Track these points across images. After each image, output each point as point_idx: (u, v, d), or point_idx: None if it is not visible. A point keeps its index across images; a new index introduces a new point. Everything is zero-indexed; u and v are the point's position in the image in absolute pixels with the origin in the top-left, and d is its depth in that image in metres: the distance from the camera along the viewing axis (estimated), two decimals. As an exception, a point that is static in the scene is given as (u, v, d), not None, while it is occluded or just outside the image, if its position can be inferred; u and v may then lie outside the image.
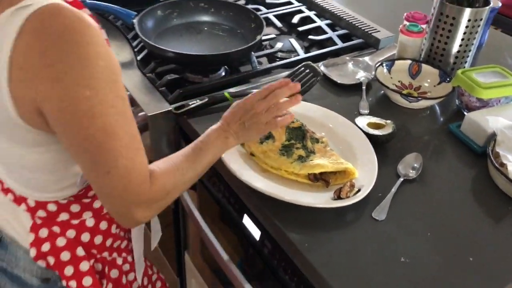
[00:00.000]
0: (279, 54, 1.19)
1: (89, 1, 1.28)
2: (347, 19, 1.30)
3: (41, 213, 0.76)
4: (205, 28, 1.23)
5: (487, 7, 1.03)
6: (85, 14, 0.61)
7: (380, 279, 0.67)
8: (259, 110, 0.74)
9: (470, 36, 1.05)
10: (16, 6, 0.59)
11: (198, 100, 0.97)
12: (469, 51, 1.08)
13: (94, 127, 0.60)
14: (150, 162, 0.68)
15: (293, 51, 1.20)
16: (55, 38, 0.57)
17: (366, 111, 0.99)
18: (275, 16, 1.33)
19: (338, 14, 1.33)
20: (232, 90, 1.03)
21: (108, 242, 0.84)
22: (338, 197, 0.76)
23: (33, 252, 0.77)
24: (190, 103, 0.97)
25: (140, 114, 0.99)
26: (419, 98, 0.99)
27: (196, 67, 1.11)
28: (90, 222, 0.80)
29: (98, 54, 0.59)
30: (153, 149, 1.02)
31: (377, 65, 1.07)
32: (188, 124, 0.96)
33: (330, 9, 1.35)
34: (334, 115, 0.94)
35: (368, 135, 0.89)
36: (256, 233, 0.83)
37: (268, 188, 0.76)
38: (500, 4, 1.22)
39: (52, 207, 0.76)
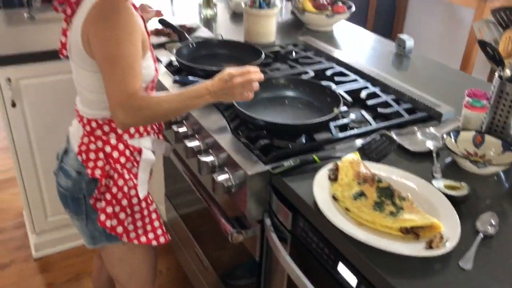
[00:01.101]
0: (351, 124, 1.35)
1: (179, 78, 1.49)
2: (409, 95, 1.46)
3: (87, 127, 1.22)
4: (286, 101, 1.41)
5: (544, 87, 1.17)
6: (128, 2, 1.09)
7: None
8: (236, 83, 1.14)
9: (528, 112, 1.19)
10: None
11: (291, 162, 1.12)
12: (528, 124, 1.21)
13: (108, 51, 1.06)
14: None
15: (364, 121, 1.35)
16: (103, 9, 1.07)
17: (439, 175, 1.12)
18: (344, 91, 1.50)
19: (401, 90, 1.49)
20: (319, 154, 1.17)
21: (122, 159, 1.23)
22: (430, 247, 0.87)
23: (76, 150, 1.23)
24: (285, 164, 1.12)
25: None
26: (487, 164, 1.11)
27: (282, 134, 1.27)
28: (113, 141, 1.22)
29: (128, 20, 1.07)
30: (247, 203, 1.16)
31: (444, 135, 1.21)
32: (283, 182, 1.10)
33: (393, 86, 1.52)
34: (414, 177, 1.07)
35: (446, 195, 1.01)
36: (352, 280, 0.94)
37: (368, 239, 0.88)
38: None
39: (93, 124, 1.21)
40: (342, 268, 0.97)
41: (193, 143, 1.33)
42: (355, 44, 2.02)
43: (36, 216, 2.09)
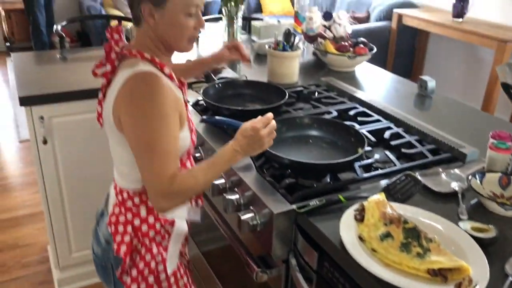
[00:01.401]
0: (376, 165, 1.36)
1: (206, 117, 1.53)
2: (433, 136, 1.47)
3: (119, 197, 1.22)
4: (310, 141, 1.44)
5: None
6: (167, 82, 1.11)
7: None
8: (263, 134, 1.15)
9: (554, 154, 1.19)
10: (131, 68, 1.09)
11: (317, 202, 1.13)
12: (554, 166, 1.21)
13: (141, 138, 1.05)
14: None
15: (388, 161, 1.36)
16: (139, 82, 1.06)
17: (465, 217, 1.12)
18: (368, 131, 1.52)
19: (424, 131, 1.51)
20: (344, 194, 1.19)
21: (151, 233, 1.20)
22: (459, 290, 0.86)
23: (107, 220, 1.23)
24: (311, 204, 1.13)
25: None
26: (515, 207, 1.11)
27: (307, 173, 1.28)
28: (143, 213, 1.20)
29: (162, 102, 1.05)
30: (272, 242, 1.17)
31: (470, 177, 1.22)
32: (308, 221, 1.11)
33: (416, 127, 1.54)
34: (440, 218, 1.07)
35: (474, 237, 1.01)
36: (379, 321, 0.93)
37: (395, 280, 0.88)
38: None
39: (125, 195, 1.21)
40: (369, 310, 0.96)
41: (219, 181, 1.36)
42: (377, 85, 2.05)
43: (61, 251, 2.12)
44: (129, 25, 2.36)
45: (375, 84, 2.06)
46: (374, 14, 4.59)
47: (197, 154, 1.47)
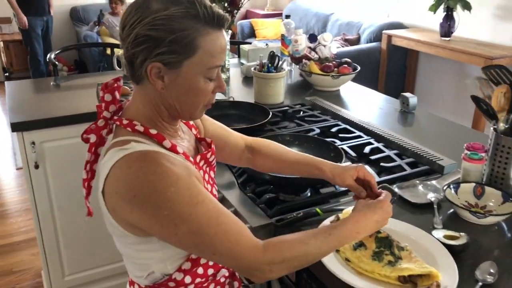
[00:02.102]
0: (356, 179, 1.39)
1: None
2: (412, 149, 1.51)
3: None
4: (292, 157, 1.47)
5: (538, 138, 1.21)
6: (169, 156, 0.86)
7: None
8: (389, 215, 0.98)
9: (526, 163, 1.22)
10: (121, 147, 0.86)
11: (294, 214, 1.16)
12: (527, 175, 1.24)
13: (181, 233, 0.82)
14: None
15: (367, 176, 1.40)
16: (134, 176, 0.82)
17: (440, 226, 1.14)
18: (348, 147, 1.56)
19: (404, 145, 1.54)
20: (323, 207, 1.22)
21: None
22: (427, 295, 0.89)
23: None
24: (288, 217, 1.16)
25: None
26: (487, 215, 1.14)
27: (288, 188, 1.32)
28: None
29: (168, 184, 0.82)
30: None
31: (445, 187, 1.25)
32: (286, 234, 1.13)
33: (396, 141, 1.57)
34: (413, 228, 1.10)
35: (446, 245, 1.03)
36: (353, 329, 0.95)
37: (367, 287, 0.91)
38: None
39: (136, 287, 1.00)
40: (344, 319, 0.98)
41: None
42: (361, 103, 2.10)
43: (53, 275, 2.13)
44: (120, 51, 2.43)
45: (359, 103, 2.10)
46: (364, 35, 4.68)
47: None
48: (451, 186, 1.25)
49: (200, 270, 0.96)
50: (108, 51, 4.84)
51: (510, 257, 1.05)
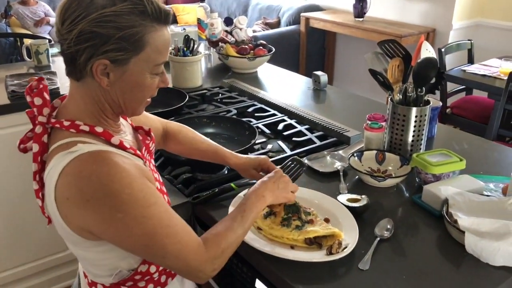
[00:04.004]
0: (270, 154, 1.45)
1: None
2: (322, 124, 1.60)
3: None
4: (209, 137, 1.50)
5: (428, 106, 1.33)
6: (120, 156, 0.84)
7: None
8: (286, 179, 1.06)
9: (420, 128, 1.34)
10: (67, 151, 0.82)
11: (210, 191, 1.21)
12: (421, 139, 1.36)
13: (135, 235, 0.81)
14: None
15: (281, 150, 1.47)
16: (87, 180, 0.79)
17: (345, 192, 1.24)
18: (263, 125, 1.62)
19: (314, 120, 1.63)
20: (238, 182, 1.27)
21: None
22: (330, 253, 0.97)
23: None
24: (204, 194, 1.20)
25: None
26: (386, 178, 1.24)
27: (204, 167, 1.35)
28: None
29: (123, 187, 0.80)
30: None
31: (349, 156, 1.34)
32: (203, 211, 1.18)
33: (307, 117, 1.66)
34: (320, 195, 1.18)
35: (349, 207, 1.12)
36: (267, 292, 1.01)
37: (276, 251, 0.97)
38: (440, 104, 1.53)
39: (99, 287, 0.97)
40: (259, 285, 1.04)
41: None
42: (277, 83, 2.17)
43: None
44: (29, 41, 2.33)
45: (275, 83, 2.17)
46: (284, 19, 4.78)
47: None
48: (355, 154, 1.35)
49: None
50: (27, 41, 4.58)
51: (405, 214, 1.17)
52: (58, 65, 2.35)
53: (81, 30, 0.80)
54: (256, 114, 1.73)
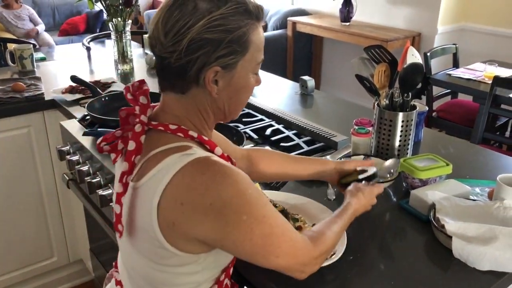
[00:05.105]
0: (258, 160, 1.45)
1: (88, 130, 1.55)
2: (310, 129, 1.60)
3: None
4: (195, 143, 1.50)
5: (414, 111, 1.34)
6: (229, 163, 0.81)
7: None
8: (375, 200, 1.07)
9: (406, 133, 1.35)
10: (183, 152, 0.78)
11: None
12: (408, 144, 1.37)
13: (256, 237, 0.77)
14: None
15: (269, 156, 1.46)
16: (210, 182, 0.75)
17: (333, 197, 1.24)
18: (251, 130, 1.62)
19: (302, 125, 1.63)
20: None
21: None
22: (319, 259, 0.96)
23: None
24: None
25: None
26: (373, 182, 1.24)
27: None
28: None
29: (246, 187, 0.78)
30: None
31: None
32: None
33: (295, 122, 1.66)
34: (308, 200, 1.18)
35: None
36: (256, 300, 1.01)
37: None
38: (426, 108, 1.54)
39: None
40: (247, 291, 1.04)
41: (106, 192, 1.38)
42: (265, 88, 2.16)
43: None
44: (13, 46, 2.30)
45: (263, 88, 2.17)
46: (271, 23, 4.80)
47: (96, 180, 1.47)
48: (342, 159, 1.35)
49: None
50: (11, 46, 4.52)
51: (393, 219, 1.17)
52: (43, 70, 2.33)
53: (191, 39, 0.77)
54: (243, 119, 1.72)
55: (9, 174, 1.93)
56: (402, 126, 1.33)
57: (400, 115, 1.32)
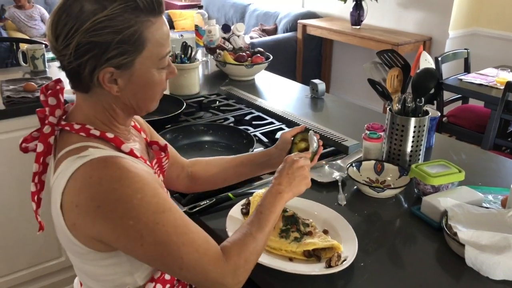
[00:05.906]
0: (268, 163, 1.44)
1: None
2: (320, 133, 1.59)
3: None
4: (206, 146, 1.50)
5: (427, 116, 1.32)
6: (131, 162, 0.81)
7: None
8: (300, 164, 0.98)
9: (418, 139, 1.34)
10: (77, 155, 0.80)
11: (207, 201, 1.19)
12: (420, 150, 1.36)
13: (147, 244, 0.76)
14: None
15: (279, 159, 1.46)
16: (97, 185, 0.76)
17: (344, 202, 1.23)
18: (261, 133, 1.61)
19: (312, 129, 1.62)
20: (235, 191, 1.25)
21: None
22: (329, 266, 0.95)
23: None
24: (201, 204, 1.18)
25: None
26: (384, 189, 1.23)
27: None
28: None
29: (134, 191, 0.76)
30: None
31: (348, 166, 1.33)
32: (201, 221, 1.16)
33: (305, 126, 1.65)
34: (318, 205, 1.17)
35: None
36: (265, 305, 1.00)
37: (274, 263, 0.96)
38: (438, 114, 1.53)
39: None
40: (256, 296, 1.03)
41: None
42: (275, 91, 2.16)
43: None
44: (25, 46, 2.31)
45: (273, 91, 2.17)
46: (281, 25, 4.79)
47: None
48: (353, 165, 1.34)
49: (167, 276, 0.92)
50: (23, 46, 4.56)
51: (404, 225, 1.16)
52: (54, 70, 2.34)
53: (78, 43, 0.77)
54: (253, 122, 1.72)
55: (20, 174, 1.94)
56: (414, 132, 1.32)
57: (412, 121, 1.31)
